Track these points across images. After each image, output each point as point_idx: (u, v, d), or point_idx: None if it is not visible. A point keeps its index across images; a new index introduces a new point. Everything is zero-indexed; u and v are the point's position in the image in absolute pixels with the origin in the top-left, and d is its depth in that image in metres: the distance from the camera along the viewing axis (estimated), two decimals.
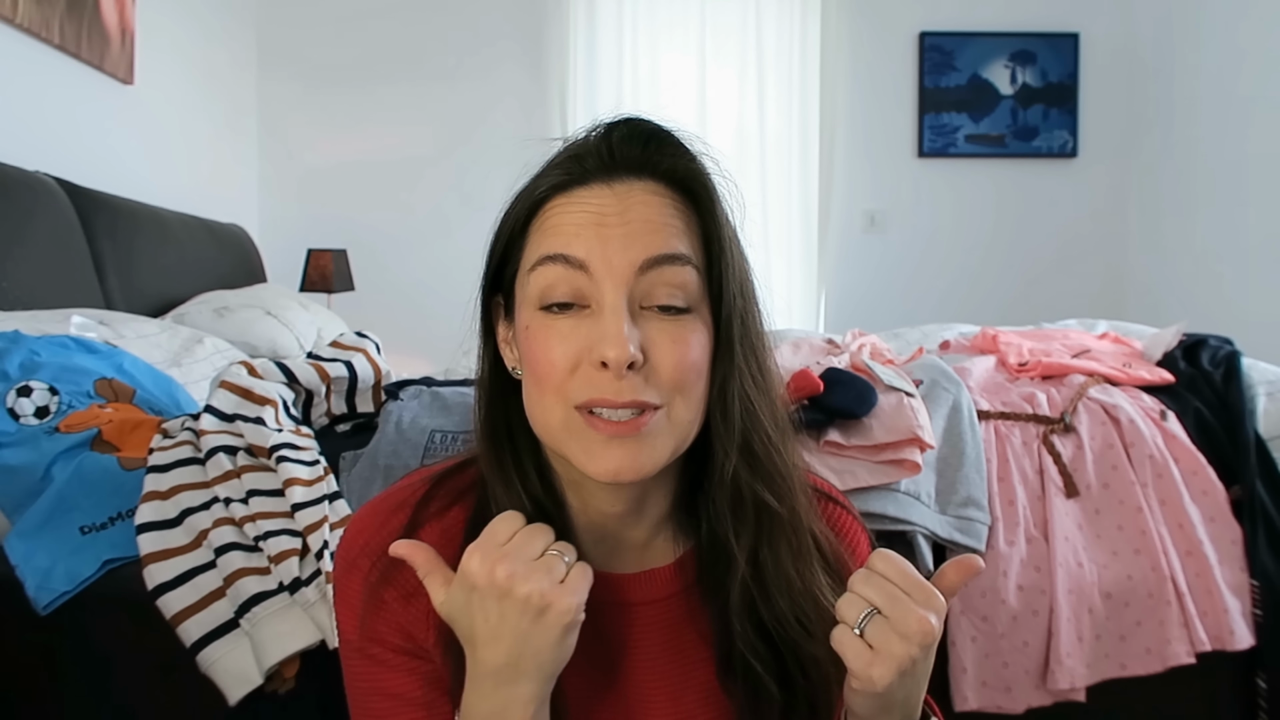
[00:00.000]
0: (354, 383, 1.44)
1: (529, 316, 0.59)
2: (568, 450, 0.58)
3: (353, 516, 0.67)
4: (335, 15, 3.83)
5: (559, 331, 0.57)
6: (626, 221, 0.57)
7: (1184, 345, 1.58)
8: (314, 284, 3.47)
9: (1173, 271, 3.72)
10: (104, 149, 2.56)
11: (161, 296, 2.33)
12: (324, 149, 3.88)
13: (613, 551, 0.66)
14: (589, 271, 0.57)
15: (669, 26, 3.90)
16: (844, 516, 0.72)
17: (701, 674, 0.65)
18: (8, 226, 1.76)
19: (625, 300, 0.56)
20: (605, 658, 0.65)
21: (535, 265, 0.58)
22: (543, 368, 0.58)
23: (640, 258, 0.57)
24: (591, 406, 0.56)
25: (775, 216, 3.96)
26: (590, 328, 0.57)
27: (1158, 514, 1.25)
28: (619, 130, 0.60)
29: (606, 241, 0.57)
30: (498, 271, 0.64)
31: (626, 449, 0.56)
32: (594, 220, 0.57)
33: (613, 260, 0.57)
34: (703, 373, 0.59)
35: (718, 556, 0.63)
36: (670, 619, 0.65)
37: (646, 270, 0.57)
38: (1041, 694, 1.17)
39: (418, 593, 0.60)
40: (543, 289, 0.58)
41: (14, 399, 1.22)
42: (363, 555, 0.63)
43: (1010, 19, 3.97)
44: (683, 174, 0.60)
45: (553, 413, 0.58)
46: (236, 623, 1.04)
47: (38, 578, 1.06)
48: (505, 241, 0.63)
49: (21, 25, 2.09)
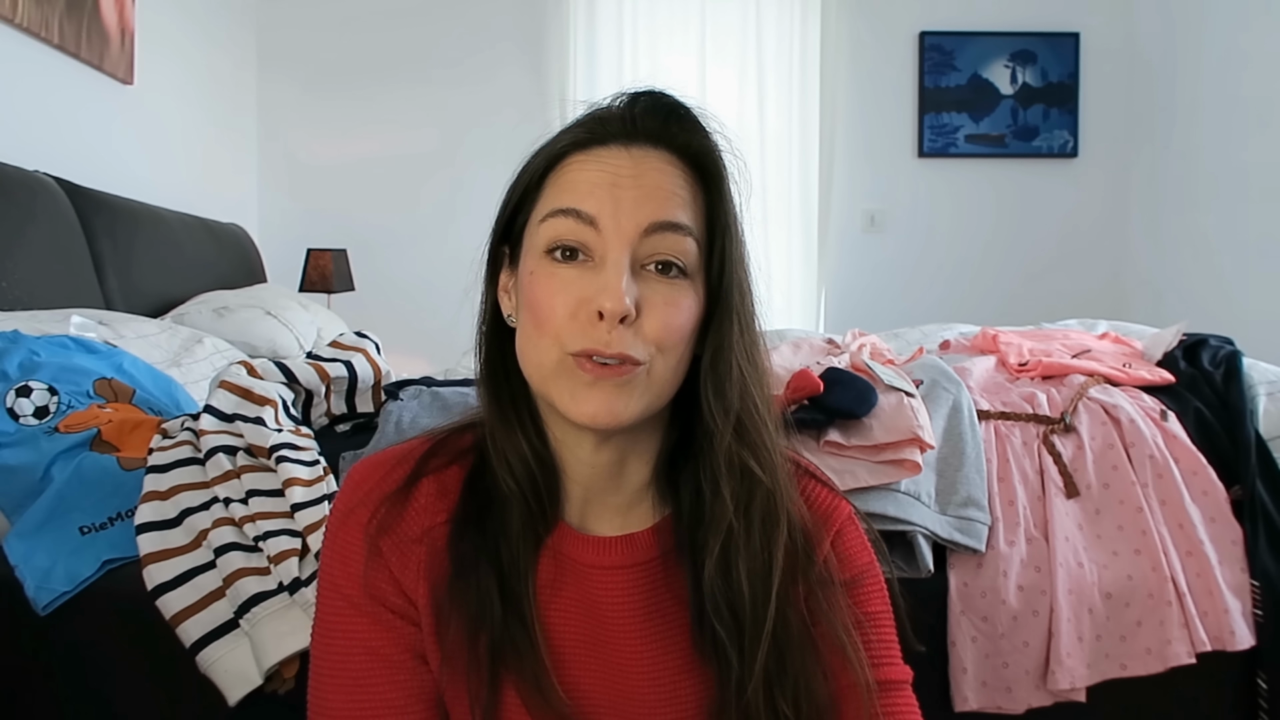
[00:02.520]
0: (354, 383, 1.44)
1: (535, 263, 0.62)
2: (554, 391, 0.61)
3: (351, 469, 0.68)
4: (335, 15, 3.83)
5: (562, 279, 0.60)
6: (639, 185, 0.61)
7: (1184, 345, 1.58)
8: (314, 284, 3.47)
9: (1173, 271, 3.72)
10: (104, 149, 2.56)
11: (161, 296, 2.33)
12: (324, 149, 3.88)
13: (597, 514, 0.68)
14: (598, 228, 0.60)
15: (669, 27, 3.90)
16: (820, 490, 0.73)
17: (681, 640, 0.66)
18: (8, 226, 1.76)
19: (628, 258, 0.60)
20: (587, 622, 0.66)
21: (547, 216, 0.61)
22: (544, 311, 0.60)
23: (647, 221, 0.60)
24: (584, 353, 0.59)
25: (775, 216, 3.96)
26: (592, 279, 0.60)
27: (1158, 514, 1.25)
28: (642, 100, 0.64)
29: (618, 202, 0.60)
30: (510, 220, 0.67)
31: (606, 395, 0.59)
32: (609, 180, 0.61)
33: (621, 220, 0.60)
34: (686, 338, 0.62)
35: (698, 523, 0.65)
36: (648, 583, 0.67)
37: (650, 234, 0.60)
38: (1042, 694, 1.16)
39: (415, 541, 0.64)
40: (551, 238, 0.61)
41: (13, 399, 1.22)
42: (362, 504, 0.65)
43: (1010, 19, 3.97)
44: (696, 150, 0.64)
45: (547, 354, 0.60)
46: (236, 623, 1.04)
47: (37, 578, 1.06)
48: (521, 191, 0.65)
49: (21, 25, 2.09)
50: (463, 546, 0.64)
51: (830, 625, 0.65)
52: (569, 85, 3.78)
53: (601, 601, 0.66)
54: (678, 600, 0.66)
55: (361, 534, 0.64)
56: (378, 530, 0.64)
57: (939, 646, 1.18)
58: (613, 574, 0.66)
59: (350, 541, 0.65)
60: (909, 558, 1.19)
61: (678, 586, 0.67)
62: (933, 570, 1.18)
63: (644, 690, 0.65)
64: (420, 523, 0.65)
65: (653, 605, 0.67)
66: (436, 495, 0.66)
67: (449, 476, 0.67)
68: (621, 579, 0.66)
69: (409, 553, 0.65)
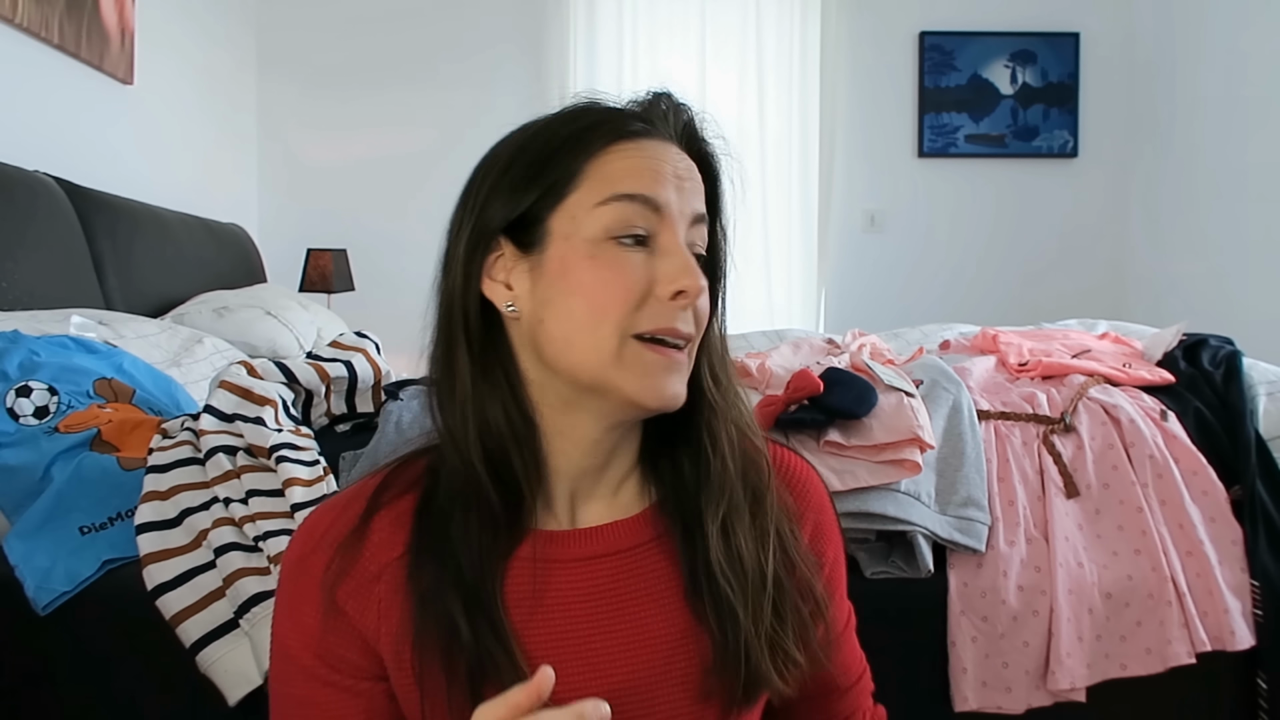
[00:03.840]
0: (354, 383, 1.44)
1: (592, 248, 0.61)
2: (618, 378, 0.61)
3: (303, 521, 0.66)
4: (335, 15, 3.83)
5: (631, 262, 0.61)
6: (689, 177, 0.65)
7: (1184, 345, 1.58)
8: (314, 284, 3.47)
9: (1173, 271, 3.72)
10: (104, 149, 2.56)
11: (161, 296, 2.33)
12: (324, 149, 3.88)
13: (586, 503, 0.68)
14: (662, 215, 0.62)
15: (669, 28, 3.90)
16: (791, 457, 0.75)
17: (673, 611, 0.66)
18: (8, 226, 1.76)
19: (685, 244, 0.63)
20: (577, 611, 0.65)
21: (609, 200, 0.62)
22: (608, 294, 0.61)
23: (693, 210, 0.65)
24: (657, 335, 0.61)
25: (775, 216, 3.95)
26: (657, 263, 0.62)
27: (1158, 514, 1.25)
28: (665, 100, 0.67)
29: (681, 191, 0.63)
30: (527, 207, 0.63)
31: (674, 375, 0.62)
32: (670, 171, 0.63)
33: (682, 209, 0.63)
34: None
35: (690, 502, 0.66)
36: (640, 568, 0.67)
37: (695, 224, 0.65)
38: (1042, 694, 1.16)
39: (374, 579, 0.62)
40: (618, 222, 0.61)
41: (13, 399, 1.22)
42: (317, 550, 0.63)
43: (1010, 19, 3.97)
44: (707, 152, 0.69)
45: (607, 339, 0.60)
46: (236, 623, 1.04)
47: (37, 578, 1.06)
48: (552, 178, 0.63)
49: (21, 25, 2.09)
50: (421, 575, 0.61)
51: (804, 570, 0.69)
52: (569, 86, 3.78)
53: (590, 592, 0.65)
54: (671, 582, 0.67)
55: (317, 587, 0.62)
56: (335, 578, 0.62)
57: (939, 646, 1.18)
58: (602, 563, 0.66)
59: (304, 596, 0.62)
60: (909, 558, 1.19)
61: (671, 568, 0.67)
62: (932, 570, 1.18)
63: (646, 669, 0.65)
64: (378, 559, 0.63)
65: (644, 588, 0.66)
66: (392, 528, 0.63)
67: (403, 506, 0.65)
68: (610, 566, 0.66)
69: (368, 593, 0.62)
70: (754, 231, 3.93)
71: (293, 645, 0.63)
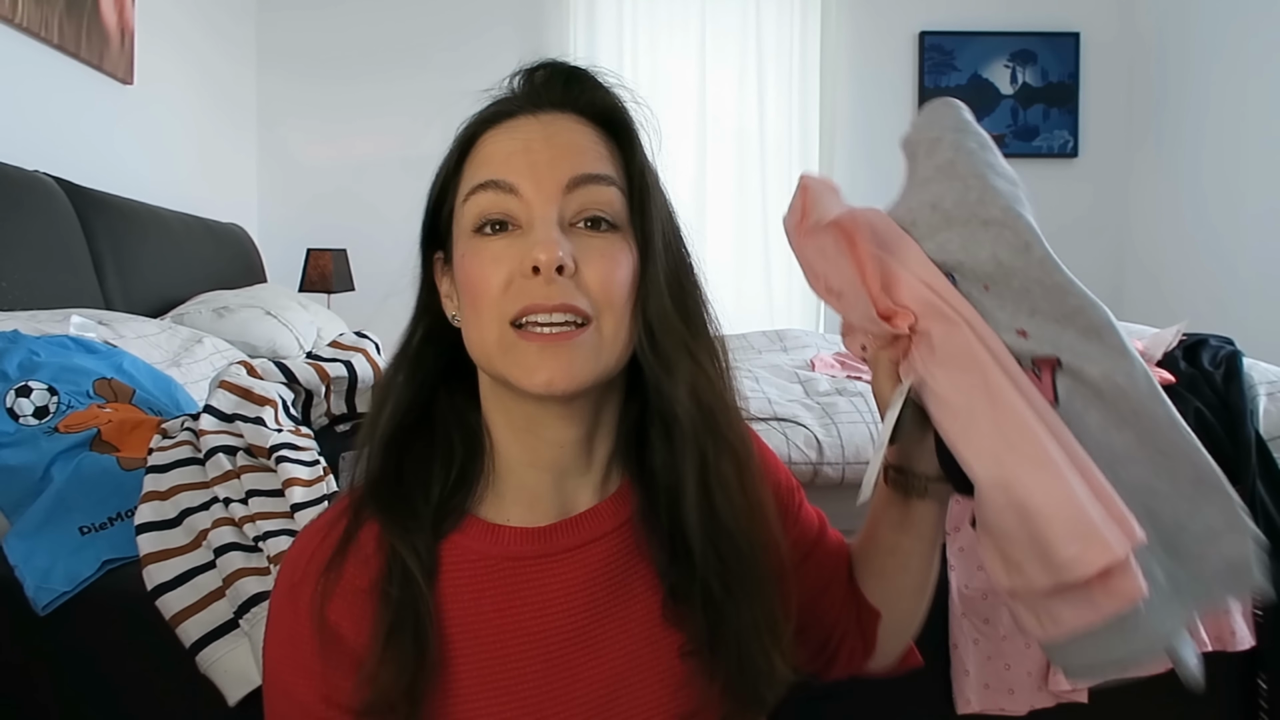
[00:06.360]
0: (354, 383, 1.44)
1: (465, 244, 0.62)
2: (505, 369, 0.59)
3: (287, 552, 0.65)
4: (335, 15, 3.83)
5: (492, 251, 0.60)
6: (552, 145, 0.61)
7: (1184, 345, 1.57)
8: (314, 284, 3.47)
9: (1173, 271, 3.72)
10: (104, 149, 2.56)
11: (161, 296, 2.33)
12: (324, 149, 3.88)
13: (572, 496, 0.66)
14: (519, 194, 0.60)
15: (669, 27, 3.90)
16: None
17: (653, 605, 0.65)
18: (8, 226, 1.76)
19: (554, 215, 0.59)
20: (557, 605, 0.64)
21: (468, 195, 0.62)
22: (478, 286, 0.60)
23: (566, 176, 0.60)
24: (524, 315, 0.58)
25: (775, 216, 3.94)
26: (521, 244, 0.59)
27: None
28: (540, 71, 0.65)
29: (535, 165, 0.60)
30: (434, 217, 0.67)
31: (559, 359, 0.58)
32: (521, 147, 0.61)
33: (541, 181, 0.60)
34: (629, 293, 0.61)
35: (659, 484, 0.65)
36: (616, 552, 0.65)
37: (573, 189, 0.60)
38: (1044, 695, 1.16)
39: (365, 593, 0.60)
40: (476, 215, 0.61)
41: (13, 399, 1.22)
42: (304, 580, 0.61)
43: (1010, 19, 3.96)
44: (602, 107, 0.64)
45: (489, 331, 0.59)
46: (236, 623, 1.04)
47: (37, 578, 1.06)
48: (442, 183, 0.66)
49: (21, 25, 2.09)
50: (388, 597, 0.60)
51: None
52: None
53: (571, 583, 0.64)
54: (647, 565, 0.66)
55: (309, 619, 0.60)
56: (324, 599, 0.60)
57: (941, 649, 1.17)
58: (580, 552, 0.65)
59: (299, 633, 0.60)
60: None
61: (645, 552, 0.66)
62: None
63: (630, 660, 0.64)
64: (366, 574, 0.61)
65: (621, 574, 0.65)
66: (378, 541, 0.61)
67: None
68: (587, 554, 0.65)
69: (362, 606, 0.60)
70: (754, 231, 3.93)
71: (295, 686, 0.60)
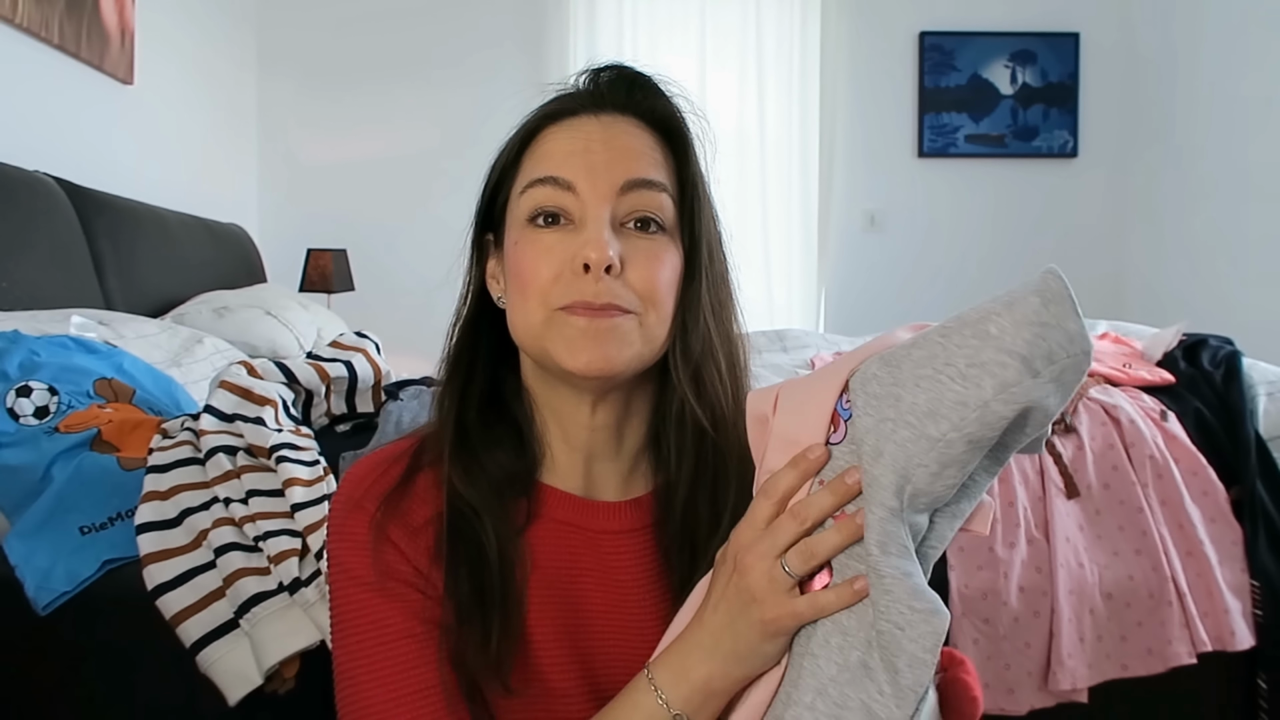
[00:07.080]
0: (354, 383, 1.44)
1: (518, 233, 0.65)
2: (549, 346, 0.62)
3: (347, 472, 0.68)
4: (335, 15, 3.83)
5: (544, 243, 0.63)
6: (611, 148, 0.64)
7: (1184, 345, 1.58)
8: (314, 284, 3.46)
9: (1173, 271, 3.72)
10: (104, 149, 2.56)
11: (161, 296, 2.33)
12: (324, 149, 3.88)
13: (602, 480, 0.69)
14: (575, 192, 0.63)
15: (669, 28, 3.90)
16: None
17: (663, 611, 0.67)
18: (8, 226, 1.76)
19: (607, 215, 0.62)
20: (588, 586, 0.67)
21: (526, 187, 0.64)
22: (528, 274, 0.63)
23: (622, 179, 0.63)
24: (572, 309, 0.61)
25: (775, 216, 3.95)
26: (573, 239, 0.62)
27: (1158, 514, 1.25)
28: (606, 73, 0.68)
29: (592, 165, 0.63)
30: (490, 202, 0.70)
31: (599, 341, 0.61)
32: (582, 146, 0.64)
33: (597, 181, 0.63)
34: (673, 292, 0.64)
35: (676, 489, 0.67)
36: (647, 548, 0.68)
37: (627, 192, 0.63)
38: (1044, 695, 1.16)
39: (422, 528, 0.64)
40: (532, 207, 0.64)
41: (13, 399, 1.22)
42: (366, 498, 0.64)
43: (1010, 19, 3.97)
44: (661, 114, 0.67)
45: (535, 314, 0.62)
46: (236, 623, 1.04)
47: (37, 578, 1.06)
48: (500, 171, 0.69)
49: (21, 25, 2.09)
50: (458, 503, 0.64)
51: None
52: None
53: (602, 567, 0.67)
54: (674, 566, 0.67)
55: (368, 521, 0.64)
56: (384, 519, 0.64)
57: None
58: (616, 539, 0.68)
59: (357, 529, 0.64)
60: None
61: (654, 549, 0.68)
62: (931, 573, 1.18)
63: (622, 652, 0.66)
64: (423, 512, 0.65)
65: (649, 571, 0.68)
66: (435, 485, 0.66)
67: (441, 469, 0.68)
68: (623, 544, 0.68)
69: (418, 538, 0.64)
70: (754, 231, 3.93)
71: (354, 565, 0.64)
